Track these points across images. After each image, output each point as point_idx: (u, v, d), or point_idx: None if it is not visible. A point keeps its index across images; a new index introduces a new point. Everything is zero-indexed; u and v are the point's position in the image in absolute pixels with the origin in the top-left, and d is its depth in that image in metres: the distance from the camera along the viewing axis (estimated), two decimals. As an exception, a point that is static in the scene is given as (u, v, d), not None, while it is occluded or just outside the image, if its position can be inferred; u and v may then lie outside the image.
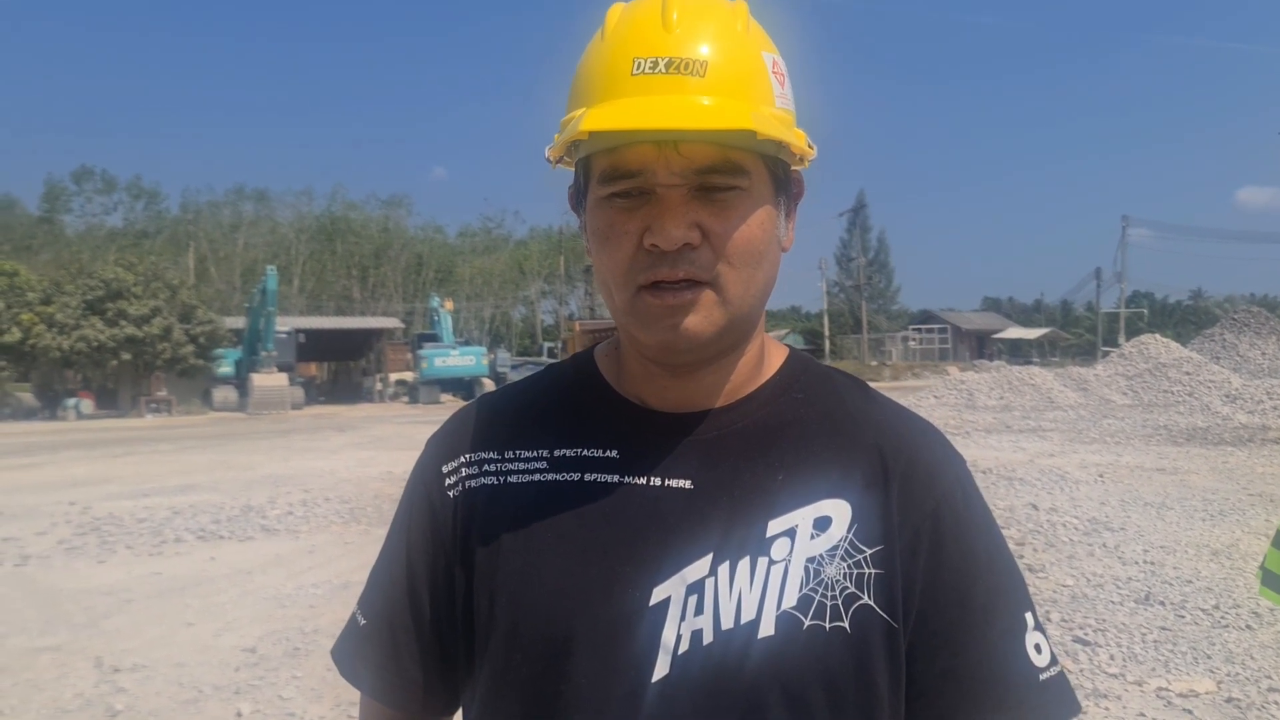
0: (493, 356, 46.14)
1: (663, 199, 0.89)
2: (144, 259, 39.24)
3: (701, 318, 0.90)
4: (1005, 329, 78.34)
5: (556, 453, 1.00)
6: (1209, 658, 5.27)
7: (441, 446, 1.07)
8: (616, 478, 0.97)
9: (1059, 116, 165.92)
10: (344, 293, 71.92)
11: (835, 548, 0.92)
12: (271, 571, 8.11)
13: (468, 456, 1.04)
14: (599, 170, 0.92)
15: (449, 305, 47.26)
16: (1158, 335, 30.02)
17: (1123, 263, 69.27)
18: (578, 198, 0.99)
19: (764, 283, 0.95)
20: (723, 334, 0.93)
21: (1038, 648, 0.96)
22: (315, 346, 44.52)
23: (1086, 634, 5.76)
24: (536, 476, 1.00)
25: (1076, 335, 78.87)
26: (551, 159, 1.00)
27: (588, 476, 0.98)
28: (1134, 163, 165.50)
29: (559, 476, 0.99)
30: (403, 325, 54.89)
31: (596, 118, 0.86)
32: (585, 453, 0.99)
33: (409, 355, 45.90)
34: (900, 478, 0.96)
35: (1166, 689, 4.84)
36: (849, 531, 0.93)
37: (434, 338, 43.45)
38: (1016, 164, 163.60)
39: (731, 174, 0.89)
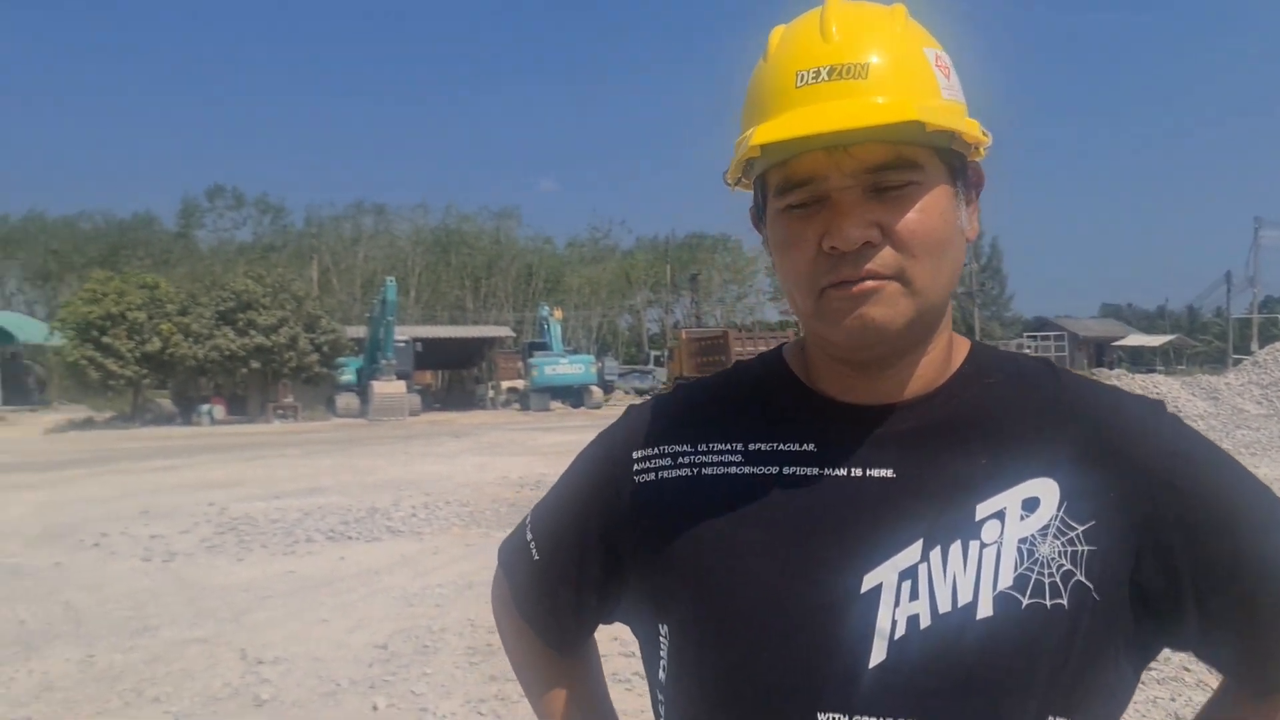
0: (600, 365, 46.44)
1: (838, 203, 0.92)
2: (271, 271, 40.67)
3: (887, 308, 0.92)
4: (1126, 336, 75.20)
5: (751, 446, 1.03)
6: None
7: (636, 432, 1.11)
8: (815, 470, 1.00)
9: (1184, 113, 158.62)
10: (457, 303, 73.48)
11: (1046, 527, 0.94)
12: (398, 571, 8.40)
13: (661, 448, 1.08)
14: (774, 184, 0.96)
15: (558, 314, 47.72)
16: (1295, 342, 28.39)
17: (1255, 266, 65.97)
18: (757, 215, 1.03)
19: (950, 272, 0.96)
20: (911, 325, 0.94)
21: None
22: (431, 355, 45.52)
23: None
24: (732, 469, 1.03)
25: (1204, 342, 75.16)
26: (729, 181, 1.04)
27: (786, 469, 1.01)
28: (1266, 161, 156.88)
29: (756, 470, 1.02)
30: (514, 334, 55.70)
31: (765, 132, 0.90)
32: (781, 446, 1.02)
33: (520, 363, 46.56)
34: (1111, 451, 0.96)
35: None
36: (1059, 510, 0.94)
37: (544, 346, 43.94)
38: (1137, 164, 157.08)
39: (904, 169, 0.92)
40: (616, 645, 5.54)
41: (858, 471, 0.98)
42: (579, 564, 1.13)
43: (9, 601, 7.53)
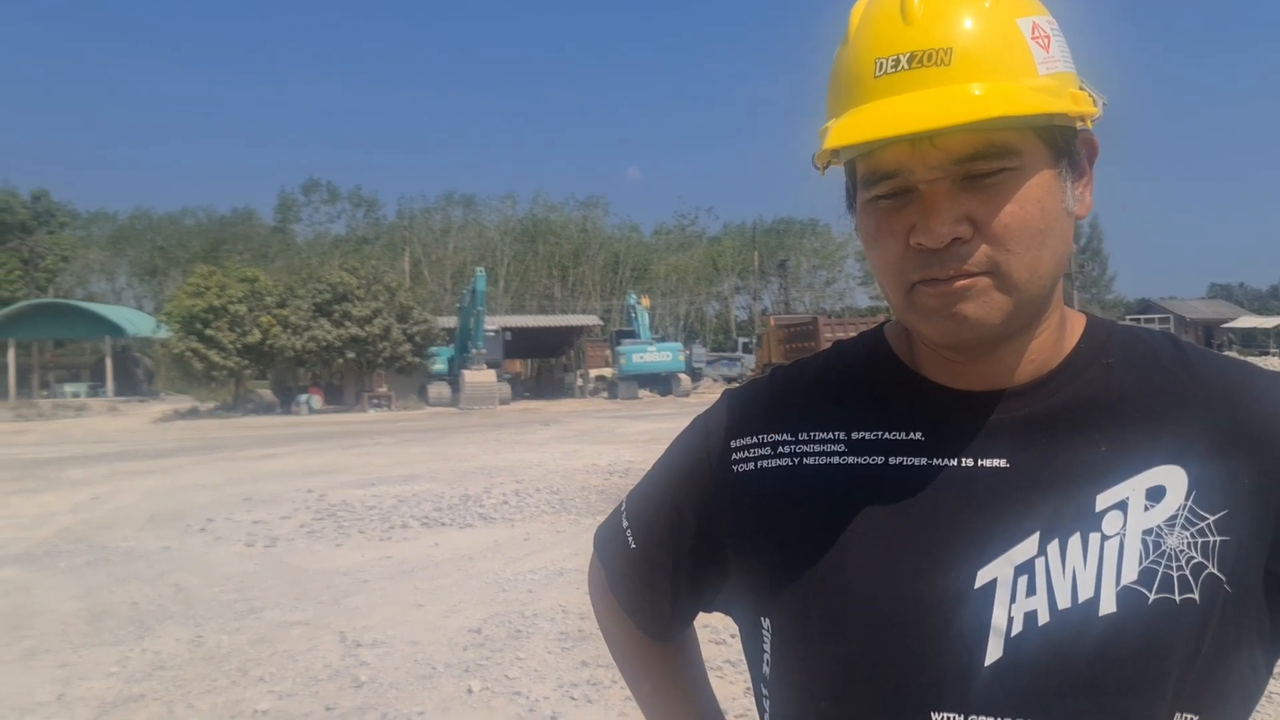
0: (688, 352, 46.39)
1: (925, 195, 0.86)
2: (365, 263, 41.69)
3: (980, 305, 0.87)
4: (1236, 318, 72.17)
5: (854, 435, 0.99)
6: None
7: (733, 419, 1.07)
8: (924, 460, 0.95)
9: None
10: (545, 292, 74.24)
11: (1174, 517, 0.88)
12: (491, 557, 8.52)
13: (760, 437, 1.03)
14: (860, 174, 0.91)
15: (645, 302, 47.84)
16: None
17: (1379, 242, 62.39)
18: (850, 198, 0.98)
19: (1053, 260, 0.89)
20: (1010, 319, 0.89)
21: None
22: (520, 344, 46.13)
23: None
24: (835, 460, 0.98)
25: (1322, 323, 71.68)
26: (819, 166, 0.99)
27: (892, 460, 0.96)
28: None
29: (860, 460, 0.97)
30: (601, 322, 56.13)
31: (840, 133, 0.85)
32: (887, 435, 0.97)
33: (608, 352, 46.90)
34: (1246, 436, 0.91)
35: None
36: (1188, 499, 0.89)
37: (631, 334, 44.12)
38: (1248, 135, 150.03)
39: (996, 157, 0.85)
40: (707, 633, 5.52)
41: (969, 461, 0.93)
42: (674, 553, 1.10)
43: (122, 584, 7.87)
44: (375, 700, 5.08)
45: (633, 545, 1.15)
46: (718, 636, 5.51)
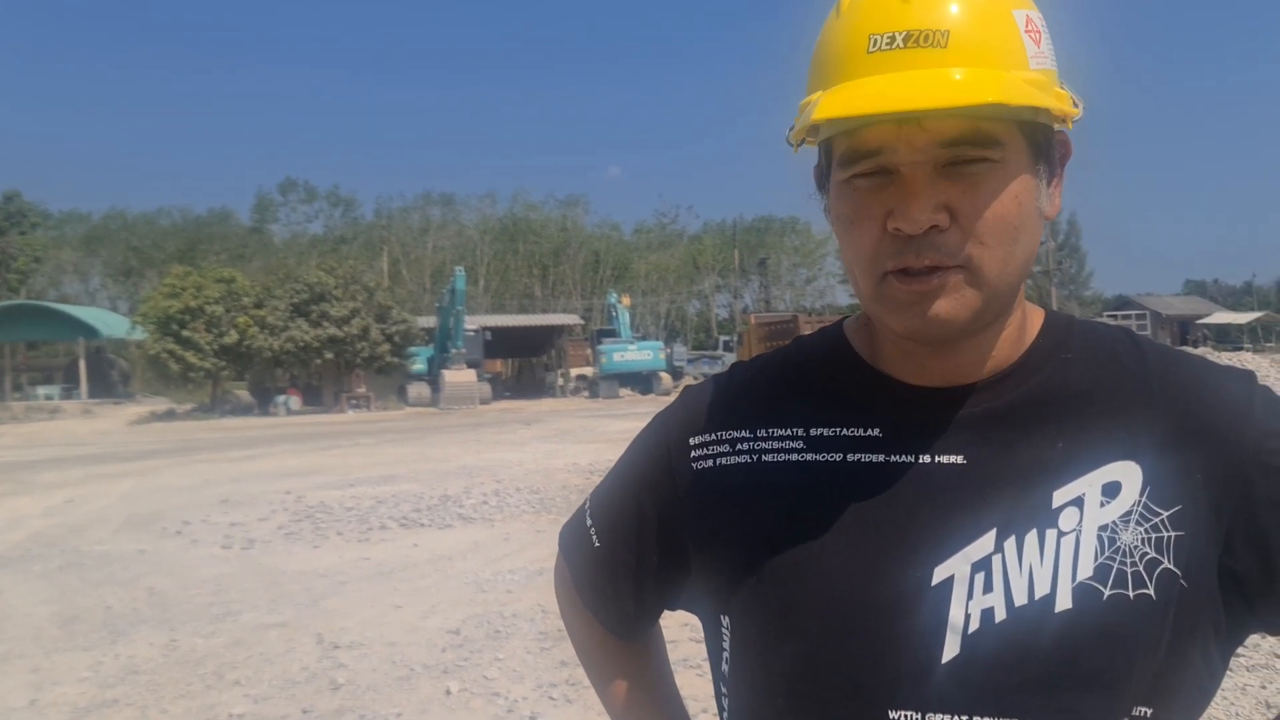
0: (669, 351, 46.46)
1: (906, 179, 0.84)
2: (343, 263, 41.53)
3: (952, 301, 0.86)
4: (1211, 314, 72.88)
5: (813, 431, 0.98)
6: None
7: (692, 416, 1.06)
8: (882, 457, 0.94)
9: (1270, 83, 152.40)
10: (526, 291, 74.11)
11: (1129, 513, 0.88)
12: (470, 558, 8.48)
13: (719, 434, 1.02)
14: (839, 153, 0.89)
15: (626, 301, 47.86)
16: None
17: (1351, 239, 63.23)
18: (821, 178, 0.97)
19: (1023, 258, 0.89)
20: (978, 315, 0.88)
21: None
22: (500, 343, 46.07)
23: None
24: (794, 456, 0.98)
25: (1295, 319, 72.51)
26: (793, 143, 0.97)
27: (850, 456, 0.95)
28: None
29: (818, 457, 0.96)
30: (582, 321, 56.06)
31: (829, 105, 0.83)
32: (845, 432, 0.97)
33: (588, 351, 46.85)
34: (1199, 431, 0.91)
35: None
36: (1142, 495, 0.89)
37: (612, 333, 44.15)
38: (1222, 134, 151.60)
39: (981, 145, 0.84)
40: (688, 631, 5.50)
41: (926, 458, 0.93)
42: (637, 552, 1.10)
43: (96, 587, 7.77)
44: (353, 702, 5.03)
45: (596, 544, 1.14)
46: (697, 634, 5.45)
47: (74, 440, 24.87)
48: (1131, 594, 0.86)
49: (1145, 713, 0.87)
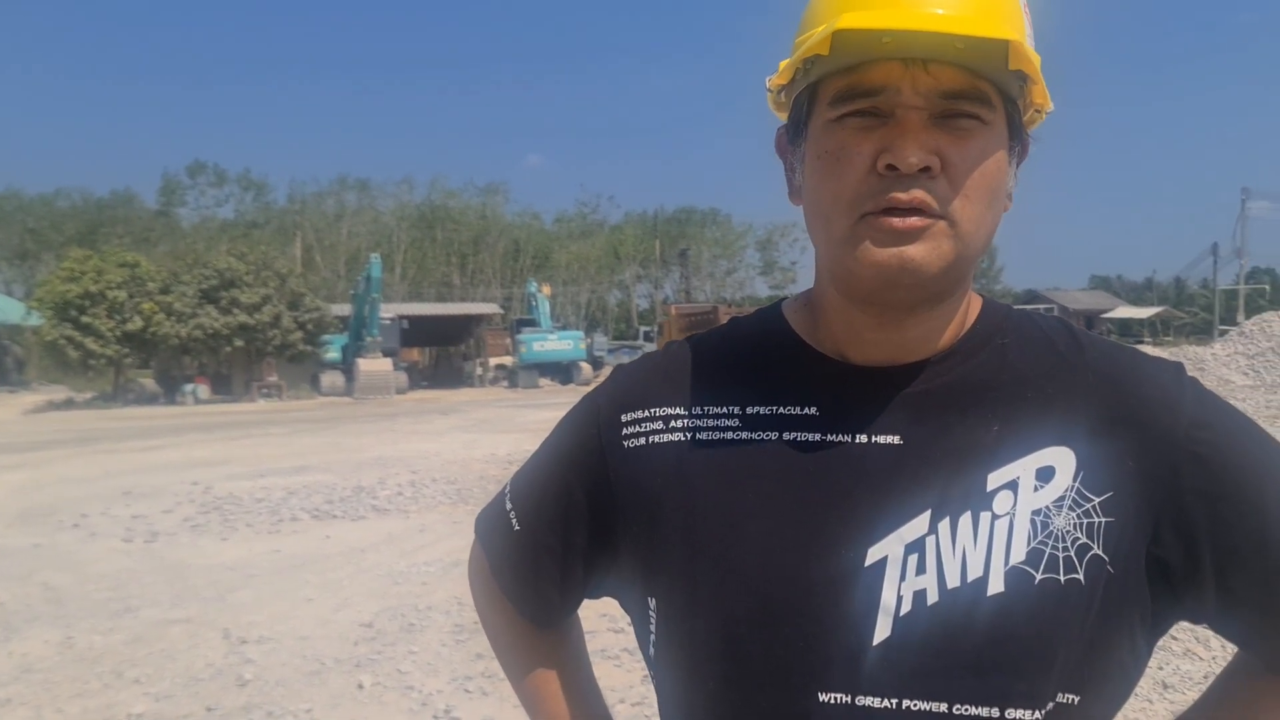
0: (590, 341, 46.38)
1: (902, 121, 0.84)
2: (254, 249, 40.45)
3: (930, 248, 0.84)
4: (1115, 308, 75.61)
5: (749, 410, 0.96)
6: None
7: (624, 393, 1.04)
8: (818, 436, 0.93)
9: (1170, 85, 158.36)
10: (444, 279, 73.24)
11: (1062, 498, 0.88)
12: (384, 550, 8.32)
13: (652, 410, 1.00)
14: (832, 92, 0.87)
15: (546, 290, 47.58)
16: (1281, 313, 28.49)
17: (1242, 237, 66.33)
18: (792, 133, 0.94)
19: (992, 226, 0.90)
20: (948, 270, 0.87)
21: None
22: (417, 332, 45.38)
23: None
24: (729, 435, 0.96)
25: (1191, 314, 75.51)
26: (774, 86, 0.94)
27: (786, 435, 0.94)
28: (1254, 132, 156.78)
29: (754, 435, 0.95)
30: (501, 311, 55.57)
31: (860, 17, 0.81)
32: (781, 410, 0.95)
33: (508, 340, 46.48)
34: (1130, 419, 0.91)
35: None
36: (1075, 480, 0.89)
37: (532, 323, 43.84)
38: (1124, 136, 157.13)
39: (978, 101, 0.84)
40: (605, 621, 5.48)
41: (863, 438, 0.92)
42: (563, 533, 1.06)
43: (-13, 583, 7.41)
44: (260, 699, 4.89)
45: (517, 528, 1.11)
46: (615, 625, 5.46)
47: (-35, 430, 23.77)
48: (1062, 579, 0.86)
49: (1072, 699, 0.87)
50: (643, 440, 1.00)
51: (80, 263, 34.88)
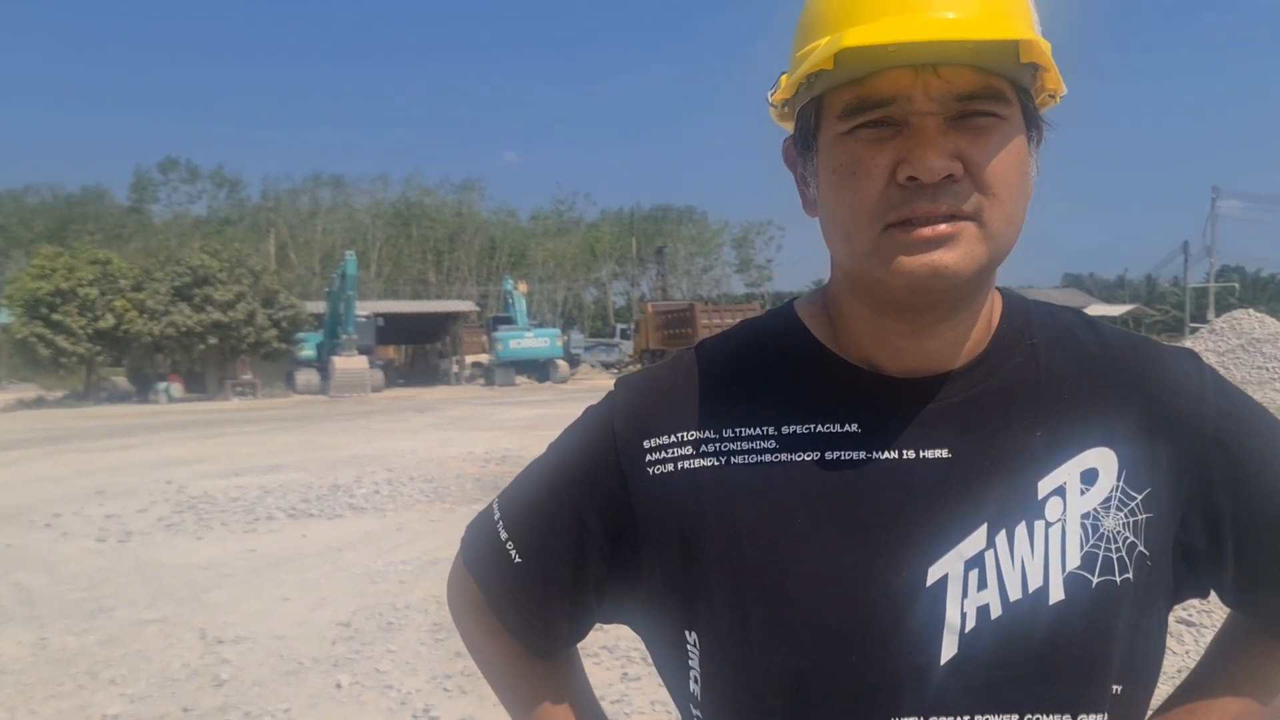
0: (566, 338, 46.29)
1: (918, 129, 0.80)
2: (228, 246, 40.16)
3: (963, 253, 0.81)
4: (1087, 306, 76.18)
5: (785, 429, 0.92)
6: None
7: (642, 416, 0.97)
8: (862, 454, 0.89)
9: (1141, 84, 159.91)
10: (420, 277, 72.88)
11: (1108, 500, 0.89)
12: (361, 548, 8.29)
13: (679, 435, 0.95)
14: (841, 105, 0.83)
15: (523, 288, 47.45)
16: (1251, 310, 28.78)
17: (1212, 236, 67.08)
18: (801, 145, 0.91)
19: (1020, 220, 0.86)
20: (982, 273, 0.84)
21: None
22: (393, 330, 45.14)
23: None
24: (766, 458, 0.91)
25: (1162, 312, 76.24)
26: (776, 101, 0.92)
27: (828, 455, 0.90)
28: (1224, 132, 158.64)
29: (794, 456, 0.91)
30: (477, 308, 55.36)
31: (863, 34, 0.78)
32: (820, 428, 0.91)
33: (484, 338, 46.31)
34: (1163, 415, 0.92)
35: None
36: (1119, 479, 0.89)
37: (508, 320, 43.73)
38: (1096, 135, 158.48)
39: (993, 100, 0.82)
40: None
41: (909, 453, 0.89)
42: (575, 565, 1.00)
43: (-42, 584, 7.33)
44: (237, 699, 4.87)
45: (518, 560, 1.03)
46: (594, 640, 5.45)
47: (-67, 429, 23.45)
48: (1117, 579, 0.87)
49: (1119, 690, 0.88)
50: (670, 466, 0.94)
51: (51, 260, 34.50)
